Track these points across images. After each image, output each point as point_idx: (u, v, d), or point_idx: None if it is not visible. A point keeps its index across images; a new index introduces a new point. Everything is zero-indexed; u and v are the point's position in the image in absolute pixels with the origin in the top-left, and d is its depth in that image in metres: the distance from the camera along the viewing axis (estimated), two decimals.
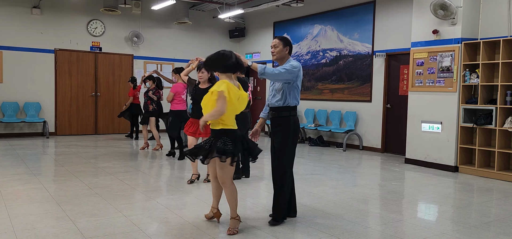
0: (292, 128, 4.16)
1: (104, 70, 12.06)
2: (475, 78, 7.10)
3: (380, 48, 9.54)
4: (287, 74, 4.05)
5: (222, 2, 11.77)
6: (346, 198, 5.30)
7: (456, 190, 6.10)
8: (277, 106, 4.18)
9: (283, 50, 4.21)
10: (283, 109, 4.15)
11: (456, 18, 7.23)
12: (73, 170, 6.68)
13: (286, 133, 4.14)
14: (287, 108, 4.15)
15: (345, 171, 7.29)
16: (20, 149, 8.79)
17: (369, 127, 9.82)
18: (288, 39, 4.30)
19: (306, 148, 10.19)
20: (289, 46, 4.25)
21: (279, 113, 4.17)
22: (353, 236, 3.91)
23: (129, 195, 5.21)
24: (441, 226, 4.29)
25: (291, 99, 4.14)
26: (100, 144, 10.06)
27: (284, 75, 4.04)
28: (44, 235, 3.71)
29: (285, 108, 4.15)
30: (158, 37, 12.80)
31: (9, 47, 10.76)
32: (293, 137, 4.17)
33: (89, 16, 11.75)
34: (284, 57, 4.22)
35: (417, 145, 7.92)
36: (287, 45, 4.23)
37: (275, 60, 4.27)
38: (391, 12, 9.32)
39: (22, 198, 4.95)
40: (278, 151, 4.16)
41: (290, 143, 4.15)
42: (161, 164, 7.62)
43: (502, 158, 6.90)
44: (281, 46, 4.20)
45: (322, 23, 11.02)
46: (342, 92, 10.50)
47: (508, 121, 6.74)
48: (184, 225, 4.11)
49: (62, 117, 11.52)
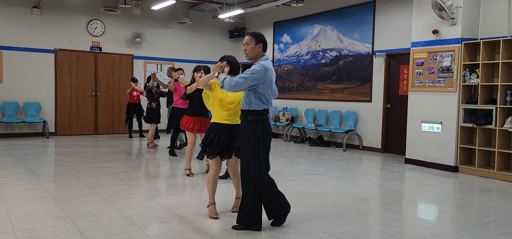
0: (260, 133, 3.85)
1: (104, 70, 12.06)
2: (475, 78, 7.10)
3: (380, 48, 9.54)
4: (247, 82, 3.73)
5: (222, 2, 11.77)
6: (346, 198, 5.30)
7: (456, 190, 6.10)
8: (243, 109, 3.92)
9: (255, 48, 3.89)
10: (250, 113, 3.86)
11: (456, 18, 7.23)
12: (73, 170, 6.68)
13: (252, 138, 3.84)
14: (254, 112, 3.84)
15: (345, 171, 7.29)
16: (20, 149, 8.79)
17: (369, 127, 9.82)
18: (261, 35, 3.94)
19: (306, 148, 10.19)
20: (262, 43, 3.91)
21: (246, 117, 3.88)
22: (353, 236, 3.90)
23: (129, 195, 5.21)
24: (441, 226, 4.29)
25: (256, 104, 3.82)
26: (100, 144, 10.06)
27: (242, 85, 3.74)
28: (44, 235, 3.71)
29: (251, 112, 3.85)
30: (158, 37, 12.80)
31: (9, 47, 10.76)
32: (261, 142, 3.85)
33: (89, 16, 11.75)
34: (257, 55, 3.90)
35: (417, 145, 7.92)
36: (260, 42, 3.89)
37: (247, 59, 3.97)
38: (391, 12, 9.32)
39: (22, 198, 4.95)
40: (243, 156, 3.93)
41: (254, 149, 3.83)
42: (162, 164, 7.62)
43: (502, 158, 6.90)
44: (253, 44, 3.88)
45: (322, 23, 11.01)
46: (342, 92, 10.50)
47: (508, 121, 6.74)
48: (184, 225, 4.11)
49: (62, 117, 11.52)
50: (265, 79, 3.80)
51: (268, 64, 3.85)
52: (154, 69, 12.71)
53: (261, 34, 3.97)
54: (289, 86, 12.13)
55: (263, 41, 3.93)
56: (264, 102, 3.86)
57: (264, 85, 3.82)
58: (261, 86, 3.81)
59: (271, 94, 3.97)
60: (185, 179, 6.24)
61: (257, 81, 3.77)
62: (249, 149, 3.87)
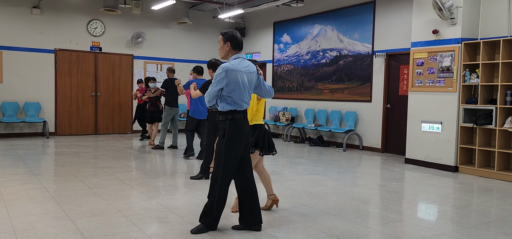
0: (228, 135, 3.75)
1: (104, 70, 12.06)
2: (475, 78, 7.10)
3: (380, 48, 9.54)
4: (213, 89, 3.73)
5: (222, 2, 11.77)
6: (346, 198, 5.30)
7: (456, 190, 6.10)
8: None
9: (223, 47, 3.85)
10: (220, 114, 3.85)
11: (456, 18, 7.23)
12: (73, 170, 6.68)
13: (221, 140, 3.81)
14: (222, 113, 3.81)
15: (345, 171, 7.29)
16: (20, 149, 8.79)
17: (369, 127, 9.82)
18: (230, 33, 3.84)
19: (306, 148, 10.19)
20: (231, 41, 3.82)
21: (218, 117, 3.91)
22: (353, 236, 3.90)
23: (129, 195, 5.21)
24: (441, 226, 4.29)
25: (222, 105, 3.79)
26: (100, 144, 10.06)
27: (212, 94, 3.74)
28: (44, 235, 3.71)
29: (220, 113, 3.83)
30: (158, 37, 12.80)
31: (9, 47, 10.76)
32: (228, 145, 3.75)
33: (89, 16, 11.75)
34: (227, 54, 3.86)
35: (417, 145, 7.92)
36: (227, 41, 3.82)
37: (221, 59, 3.99)
38: (391, 12, 9.32)
39: (22, 198, 4.95)
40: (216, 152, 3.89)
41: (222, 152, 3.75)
42: (162, 164, 7.62)
43: (502, 158, 6.90)
44: (222, 43, 3.85)
45: (322, 23, 11.01)
46: (342, 92, 10.50)
47: (508, 121, 6.74)
48: (184, 225, 4.11)
49: (62, 117, 11.52)
50: (228, 81, 3.70)
51: (231, 65, 3.73)
52: (154, 69, 12.71)
53: (231, 32, 3.86)
54: (289, 86, 12.13)
55: (231, 40, 3.82)
56: (230, 103, 3.76)
57: (228, 88, 3.72)
58: (225, 89, 3.72)
59: (243, 95, 3.80)
60: (185, 179, 6.24)
61: (221, 85, 3.71)
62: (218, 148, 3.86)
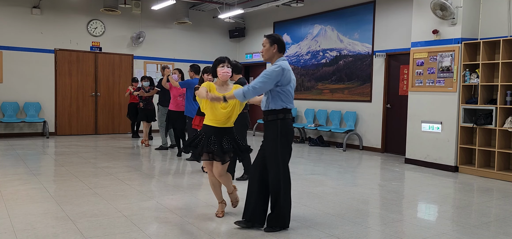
0: (280, 133, 3.90)
1: (104, 70, 12.06)
2: (475, 78, 7.10)
3: (380, 48, 9.54)
4: (265, 85, 3.82)
5: (222, 2, 11.77)
6: (346, 198, 5.30)
7: (456, 190, 6.10)
8: (263, 110, 3.99)
9: (270, 49, 3.97)
10: (269, 113, 3.93)
11: (456, 18, 7.23)
12: (73, 170, 6.68)
13: (273, 139, 3.91)
14: (273, 112, 3.90)
15: (345, 171, 7.29)
16: (20, 149, 8.79)
17: (369, 127, 9.82)
18: (276, 37, 4.00)
19: (306, 148, 10.19)
20: (278, 44, 3.97)
21: (267, 117, 3.96)
22: (353, 236, 3.90)
23: (129, 195, 5.21)
24: (441, 226, 4.29)
25: (274, 104, 3.89)
26: (100, 144, 10.06)
27: (260, 89, 3.82)
28: (44, 235, 3.71)
29: (270, 112, 3.92)
30: (158, 37, 12.80)
31: (9, 47, 10.76)
32: (281, 142, 3.91)
33: (89, 16, 11.75)
34: (273, 56, 3.99)
35: (417, 145, 7.92)
36: (274, 43, 3.96)
37: (264, 61, 4.08)
38: (391, 12, 9.32)
39: (22, 198, 4.95)
40: (267, 158, 3.95)
41: (278, 150, 3.90)
42: (162, 164, 7.62)
43: (502, 158, 6.90)
44: (268, 45, 3.97)
45: (322, 23, 11.01)
46: (342, 92, 10.50)
47: (508, 121, 6.74)
48: (184, 225, 4.11)
49: (62, 117, 11.52)
50: (285, 79, 3.85)
51: (285, 65, 3.89)
52: (154, 70, 12.71)
53: (277, 36, 4.01)
54: None
55: (278, 43, 3.97)
56: (284, 101, 3.89)
57: (284, 84, 3.87)
58: (280, 86, 3.86)
59: (292, 94, 3.99)
60: (185, 179, 6.24)
61: (273, 81, 3.83)
62: (268, 148, 3.94)
